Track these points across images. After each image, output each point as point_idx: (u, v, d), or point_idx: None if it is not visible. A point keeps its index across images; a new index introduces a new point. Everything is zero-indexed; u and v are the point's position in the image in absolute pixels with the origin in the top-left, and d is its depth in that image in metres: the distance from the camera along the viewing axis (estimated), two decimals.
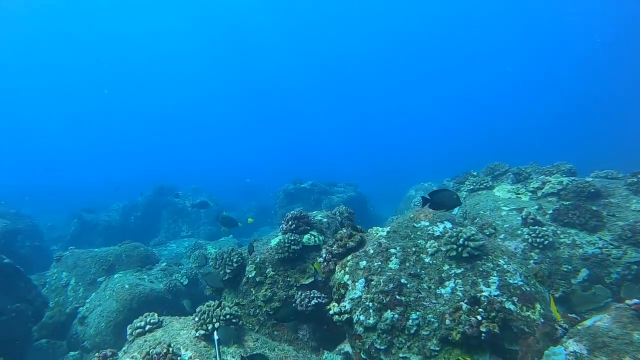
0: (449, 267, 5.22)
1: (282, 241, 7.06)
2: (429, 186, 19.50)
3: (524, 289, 4.94)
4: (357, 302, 5.15)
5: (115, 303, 9.52)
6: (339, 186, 21.47)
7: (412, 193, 19.52)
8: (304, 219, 7.50)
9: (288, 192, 20.25)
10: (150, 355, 4.80)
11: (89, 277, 11.08)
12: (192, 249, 13.31)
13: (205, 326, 5.31)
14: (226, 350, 5.26)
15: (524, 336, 4.63)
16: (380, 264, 5.38)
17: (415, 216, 6.00)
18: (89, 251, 12.05)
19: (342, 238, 5.90)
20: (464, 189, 10.96)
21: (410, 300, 4.94)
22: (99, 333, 9.17)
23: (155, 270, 11.40)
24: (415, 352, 4.66)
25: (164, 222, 21.87)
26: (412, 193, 19.52)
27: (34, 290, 10.24)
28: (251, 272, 7.11)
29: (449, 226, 5.67)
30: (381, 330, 4.83)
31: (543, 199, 8.86)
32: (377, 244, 5.63)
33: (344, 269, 5.60)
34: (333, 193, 20.35)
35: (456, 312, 4.66)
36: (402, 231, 5.80)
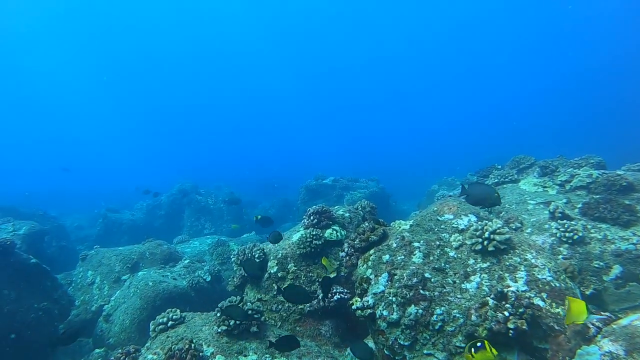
0: (474, 261, 5.08)
1: (303, 236, 7.00)
2: (452, 181, 19.24)
3: (554, 284, 4.77)
4: (380, 296, 5.06)
5: (139, 300, 9.61)
6: (361, 182, 21.32)
7: (435, 188, 19.25)
8: (326, 214, 7.41)
9: (310, 188, 20.20)
10: (172, 351, 4.79)
11: (114, 275, 11.21)
12: (215, 246, 13.37)
13: (227, 322, 5.28)
14: (248, 345, 5.23)
15: (554, 334, 4.47)
16: (403, 257, 5.27)
17: (438, 209, 5.86)
18: (113, 250, 12.20)
19: (364, 232, 5.80)
20: (488, 182, 10.73)
21: (434, 295, 4.82)
22: (124, 330, 9.26)
23: (178, 267, 11.47)
24: (439, 349, 4.55)
25: (187, 220, 22.11)
26: (435, 188, 19.25)
27: (60, 289, 10.43)
28: (273, 268, 7.07)
29: (474, 219, 5.51)
30: (405, 325, 4.73)
31: (571, 192, 8.60)
32: (400, 237, 5.52)
33: (366, 263, 5.51)
34: (355, 188, 20.22)
35: (482, 307, 4.53)
36: (426, 224, 5.66)
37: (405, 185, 30.48)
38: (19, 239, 13.15)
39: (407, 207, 22.27)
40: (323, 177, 21.31)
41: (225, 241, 13.96)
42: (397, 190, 25.53)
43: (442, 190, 17.91)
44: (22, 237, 13.42)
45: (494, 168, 11.44)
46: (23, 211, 18.28)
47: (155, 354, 5.03)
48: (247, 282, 7.44)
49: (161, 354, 4.92)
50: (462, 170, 19.39)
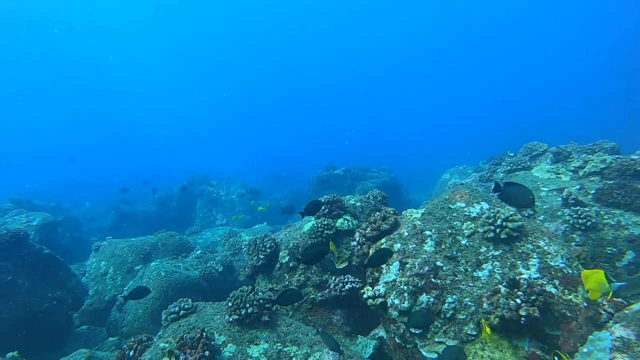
0: (486, 249, 5.05)
1: (315, 226, 7.00)
2: (463, 169, 19.07)
3: (566, 271, 4.73)
4: (391, 285, 5.05)
5: (152, 290, 9.70)
6: (372, 171, 21.26)
7: (447, 177, 19.10)
8: (337, 203, 7.41)
9: (321, 178, 20.19)
10: (184, 339, 4.83)
11: (127, 266, 11.32)
12: (227, 237, 13.44)
13: (239, 311, 5.31)
14: (259, 334, 5.26)
15: (566, 321, 4.44)
16: (415, 246, 5.25)
17: (450, 197, 5.82)
18: (125, 240, 12.32)
19: (375, 221, 5.78)
20: (500, 170, 10.65)
21: (446, 284, 4.80)
22: (137, 319, 9.38)
23: (190, 258, 11.56)
24: (451, 337, 4.54)
25: (199, 212, 22.26)
26: (447, 177, 19.10)
27: (73, 279, 10.56)
28: (284, 258, 7.09)
29: (486, 207, 5.47)
30: None
31: (585, 178, 8.49)
32: (411, 226, 5.49)
33: None
34: (366, 178, 20.18)
35: (494, 295, 4.50)
36: (437, 213, 5.63)
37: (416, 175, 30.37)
38: (32, 230, 13.34)
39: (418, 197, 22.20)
40: (334, 168, 21.28)
41: (237, 232, 14.03)
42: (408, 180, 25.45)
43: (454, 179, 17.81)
44: (36, 228, 13.61)
45: (506, 155, 11.34)
46: (36, 203, 18.51)
47: (167, 342, 5.07)
48: (258, 272, 7.48)
49: (173, 343, 4.96)
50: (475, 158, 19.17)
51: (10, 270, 8.93)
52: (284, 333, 5.39)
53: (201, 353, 4.67)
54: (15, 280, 8.91)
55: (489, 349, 4.37)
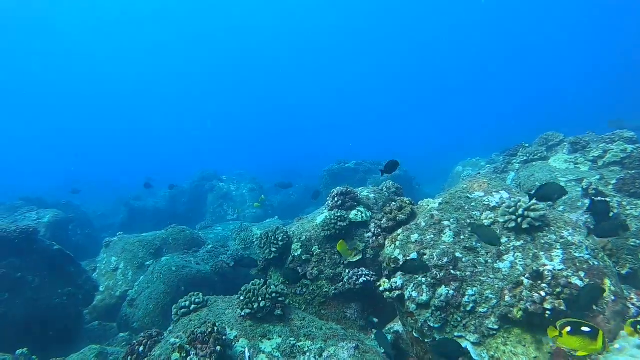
0: (507, 239, 4.84)
1: (328, 218, 6.83)
2: (476, 161, 18.80)
3: (592, 262, 4.52)
4: (409, 277, 4.87)
5: (162, 285, 9.63)
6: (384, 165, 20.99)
7: (460, 169, 18.85)
8: (351, 195, 7.23)
9: (332, 172, 20.02)
10: (195, 334, 4.69)
11: (137, 261, 11.26)
12: (238, 232, 13.32)
13: (251, 305, 5.17)
14: (272, 329, 5.12)
15: (593, 315, 4.24)
16: (433, 237, 5.06)
17: (468, 186, 5.62)
18: (136, 236, 12.26)
19: (391, 211, 5.60)
20: (516, 161, 10.40)
21: (466, 275, 4.62)
22: (148, 315, 9.30)
23: (201, 252, 11.48)
24: (471, 331, 4.36)
25: (210, 207, 22.20)
26: (460, 169, 18.85)
27: (84, 274, 10.52)
28: (297, 251, 6.94)
29: (506, 196, 5.26)
30: (435, 307, 4.55)
31: (605, 168, 8.23)
32: (429, 216, 5.30)
33: (394, 243, 5.31)
34: (378, 172, 19.93)
35: (517, 287, 4.31)
36: (455, 202, 5.43)
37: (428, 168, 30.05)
38: (43, 227, 13.34)
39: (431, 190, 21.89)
40: (345, 161, 21.09)
41: (248, 226, 13.91)
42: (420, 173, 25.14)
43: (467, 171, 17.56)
44: (46, 225, 13.61)
45: (521, 146, 11.08)
46: (47, 200, 18.56)
47: (177, 337, 4.95)
48: (271, 265, 7.34)
49: (184, 338, 4.83)
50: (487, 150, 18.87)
51: (20, 266, 8.89)
52: (297, 327, 5.23)
53: (213, 348, 4.53)
54: (25, 276, 8.86)
55: (511, 344, 4.19)
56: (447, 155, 30.81)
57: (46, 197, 19.80)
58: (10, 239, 8.89)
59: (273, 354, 4.78)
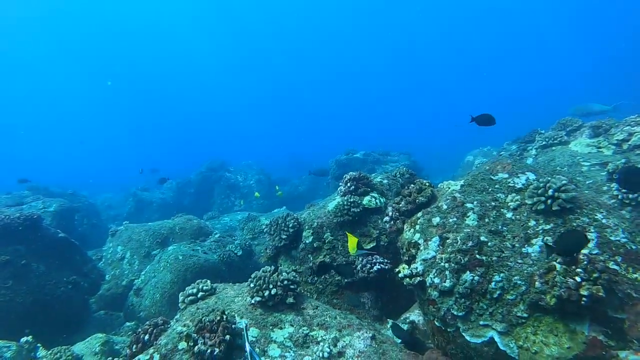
0: (535, 222, 4.51)
1: (340, 204, 6.54)
2: (487, 151, 18.43)
3: (629, 247, 4.18)
4: (430, 263, 4.55)
5: (169, 274, 9.41)
6: (393, 155, 20.71)
7: (470, 158, 18.48)
8: (364, 180, 6.94)
9: (340, 162, 19.71)
10: (203, 322, 4.43)
11: (144, 250, 11.07)
12: (246, 221, 13.08)
13: (262, 292, 4.90)
14: (283, 318, 4.84)
15: (632, 302, 3.90)
16: (455, 220, 4.73)
17: (491, 168, 5.28)
18: (142, 225, 12.07)
19: (410, 193, 5.27)
20: (532, 147, 10.04)
21: (492, 260, 4.30)
22: (154, 304, 9.09)
23: (208, 241, 11.25)
24: (498, 320, 4.05)
25: (217, 198, 22.04)
26: (470, 158, 18.48)
27: (89, 263, 10.33)
28: (308, 238, 6.66)
29: (533, 177, 4.92)
30: (459, 294, 4.23)
31: (630, 152, 7.83)
32: (450, 198, 4.97)
33: (413, 227, 4.99)
34: (387, 162, 19.63)
35: (548, 273, 3.98)
36: (478, 184, 5.10)
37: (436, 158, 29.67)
38: (49, 215, 13.15)
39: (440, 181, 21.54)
40: (354, 152, 20.78)
41: (256, 216, 13.67)
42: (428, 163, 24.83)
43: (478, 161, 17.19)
44: (52, 214, 13.43)
45: (537, 133, 10.71)
46: (53, 190, 18.40)
47: (184, 325, 4.68)
48: (281, 253, 7.06)
49: (191, 326, 4.57)
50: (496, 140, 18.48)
51: (24, 253, 8.72)
52: (310, 316, 4.96)
53: (221, 337, 4.27)
54: (29, 263, 8.68)
55: (542, 333, 3.88)
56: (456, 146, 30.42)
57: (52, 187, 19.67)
58: (14, 226, 8.72)
59: (285, 344, 4.51)
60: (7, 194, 16.25)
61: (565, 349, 3.73)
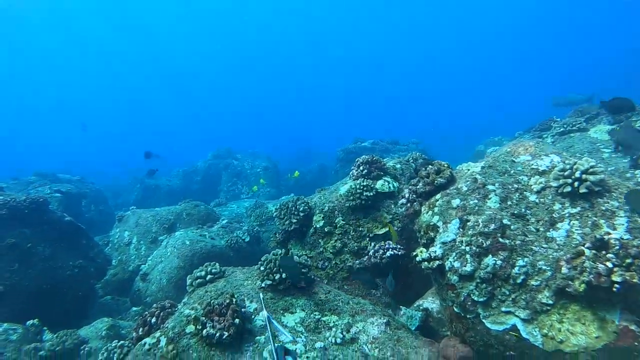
0: (561, 206, 4.28)
1: (353, 187, 6.34)
2: (499, 141, 18.08)
3: None
4: (450, 246, 4.33)
5: (176, 260, 9.28)
6: (401, 144, 20.45)
7: (482, 148, 18.12)
8: (377, 164, 6.73)
9: (348, 150, 19.49)
10: (211, 306, 4.27)
11: (151, 236, 10.95)
12: (253, 208, 12.92)
13: (272, 276, 4.71)
14: (294, 302, 4.67)
15: None
16: (477, 202, 4.51)
17: (512, 150, 5.04)
18: (150, 210, 11.95)
19: (428, 174, 5.04)
20: (549, 134, 9.76)
21: (515, 244, 4.08)
22: (161, 289, 8.97)
23: (216, 227, 11.11)
24: (521, 306, 3.83)
25: (224, 185, 21.92)
26: (482, 148, 18.12)
27: (96, 247, 10.20)
28: (319, 222, 6.47)
29: (557, 159, 4.68)
30: (480, 279, 4.02)
31: None
32: (471, 179, 4.74)
33: (431, 209, 4.77)
34: (395, 151, 19.35)
35: (576, 258, 3.76)
36: (499, 166, 4.86)
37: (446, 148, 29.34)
38: (55, 200, 13.06)
39: None
40: (362, 140, 20.54)
41: (264, 203, 13.50)
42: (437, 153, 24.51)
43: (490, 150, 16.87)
44: (59, 199, 13.34)
45: (552, 121, 10.44)
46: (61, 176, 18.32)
47: (192, 309, 4.52)
48: (290, 237, 6.88)
49: (199, 309, 4.40)
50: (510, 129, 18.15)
51: (30, 237, 8.59)
52: (322, 301, 4.78)
53: (231, 321, 4.09)
54: (35, 247, 8.56)
55: (568, 321, 3.67)
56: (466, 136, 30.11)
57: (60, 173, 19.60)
58: (20, 208, 8.57)
59: (296, 329, 4.33)
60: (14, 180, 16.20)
61: (594, 339, 3.52)
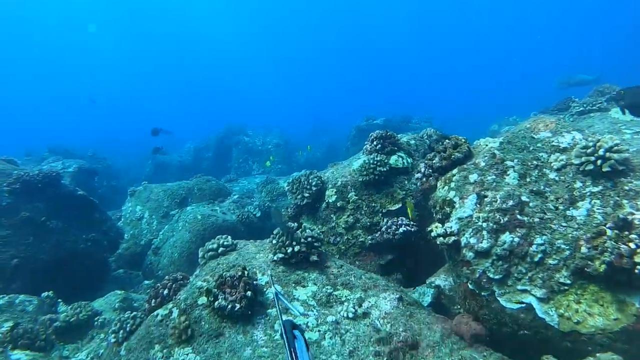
0: (582, 184, 4.15)
1: (366, 162, 6.25)
2: (513, 120, 17.74)
3: None
4: (466, 222, 4.24)
5: (188, 234, 9.32)
6: (414, 122, 20.23)
7: (496, 127, 17.84)
8: (391, 139, 6.62)
9: (360, 128, 19.33)
10: (223, 278, 4.24)
11: (162, 211, 10.99)
12: (264, 184, 12.90)
13: (284, 249, 4.67)
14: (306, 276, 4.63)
15: None
16: (494, 177, 4.40)
17: (532, 126, 4.90)
18: (161, 185, 11.97)
19: (445, 149, 4.93)
20: (567, 114, 9.54)
21: (534, 222, 3.98)
22: (173, 263, 9.04)
23: (227, 202, 11.13)
24: (538, 285, 3.76)
25: (235, 162, 21.90)
26: (496, 127, 17.84)
27: (108, 221, 10.27)
28: (331, 197, 6.41)
29: (579, 136, 4.54)
30: (496, 256, 3.94)
31: None
32: (489, 154, 4.62)
33: (447, 184, 4.67)
34: (408, 129, 19.16)
35: (597, 238, 3.66)
36: (519, 142, 4.73)
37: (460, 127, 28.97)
38: (68, 176, 13.13)
39: None
40: (374, 118, 20.32)
41: (275, 179, 13.47)
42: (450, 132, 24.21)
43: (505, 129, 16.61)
44: (72, 175, 13.41)
45: (571, 101, 10.20)
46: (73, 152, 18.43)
47: (204, 281, 4.51)
48: (302, 212, 6.84)
49: (211, 281, 4.39)
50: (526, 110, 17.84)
51: (43, 211, 8.66)
52: (334, 275, 4.74)
53: (242, 293, 4.07)
54: (48, 221, 8.62)
55: (585, 302, 3.58)
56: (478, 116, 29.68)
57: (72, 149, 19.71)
58: (33, 183, 8.62)
59: (308, 302, 4.31)
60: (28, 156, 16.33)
61: (612, 321, 3.44)
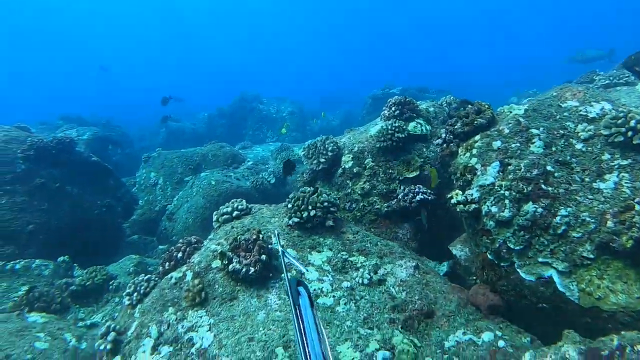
0: (610, 156, 4.00)
1: (384, 128, 6.11)
2: (533, 93, 17.33)
3: None
4: (488, 190, 4.12)
5: (202, 199, 9.33)
6: (430, 93, 19.84)
7: (515, 100, 17.47)
8: (410, 105, 6.46)
9: (376, 97, 19.06)
10: (238, 241, 4.21)
11: (177, 177, 11.00)
12: (279, 151, 12.82)
13: (300, 213, 4.62)
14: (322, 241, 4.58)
15: None
16: (519, 145, 4.26)
17: (559, 94, 4.71)
18: (175, 152, 11.96)
19: (468, 114, 4.78)
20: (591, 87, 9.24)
21: (559, 193, 3.85)
22: (187, 228, 9.08)
23: (241, 169, 11.10)
24: (560, 258, 3.65)
25: (249, 129, 21.81)
26: (515, 100, 17.47)
27: (123, 187, 10.35)
28: (348, 163, 6.31)
29: (609, 107, 4.36)
30: (518, 226, 3.83)
31: None
32: (514, 121, 4.46)
33: (469, 151, 4.54)
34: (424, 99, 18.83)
35: (625, 212, 3.53)
36: (545, 110, 4.56)
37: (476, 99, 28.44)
38: (83, 143, 13.17)
39: None
40: (390, 87, 20.01)
41: (290, 146, 13.38)
42: None
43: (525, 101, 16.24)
44: (86, 142, 13.46)
45: (595, 74, 9.86)
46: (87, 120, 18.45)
47: (219, 244, 4.48)
48: (317, 178, 6.76)
49: (225, 245, 4.35)
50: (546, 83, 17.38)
51: (58, 177, 8.72)
52: (349, 241, 4.69)
53: (257, 257, 4.04)
54: (63, 186, 8.68)
55: (608, 278, 3.48)
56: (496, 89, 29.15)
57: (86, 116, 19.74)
58: (47, 149, 8.65)
59: (323, 267, 4.27)
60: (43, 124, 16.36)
61: (635, 299, 3.34)
